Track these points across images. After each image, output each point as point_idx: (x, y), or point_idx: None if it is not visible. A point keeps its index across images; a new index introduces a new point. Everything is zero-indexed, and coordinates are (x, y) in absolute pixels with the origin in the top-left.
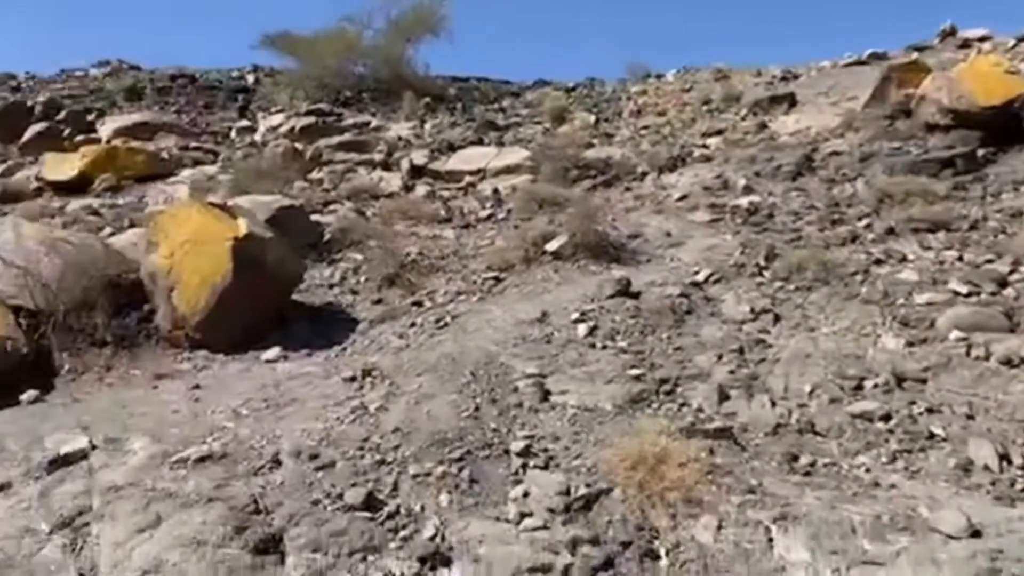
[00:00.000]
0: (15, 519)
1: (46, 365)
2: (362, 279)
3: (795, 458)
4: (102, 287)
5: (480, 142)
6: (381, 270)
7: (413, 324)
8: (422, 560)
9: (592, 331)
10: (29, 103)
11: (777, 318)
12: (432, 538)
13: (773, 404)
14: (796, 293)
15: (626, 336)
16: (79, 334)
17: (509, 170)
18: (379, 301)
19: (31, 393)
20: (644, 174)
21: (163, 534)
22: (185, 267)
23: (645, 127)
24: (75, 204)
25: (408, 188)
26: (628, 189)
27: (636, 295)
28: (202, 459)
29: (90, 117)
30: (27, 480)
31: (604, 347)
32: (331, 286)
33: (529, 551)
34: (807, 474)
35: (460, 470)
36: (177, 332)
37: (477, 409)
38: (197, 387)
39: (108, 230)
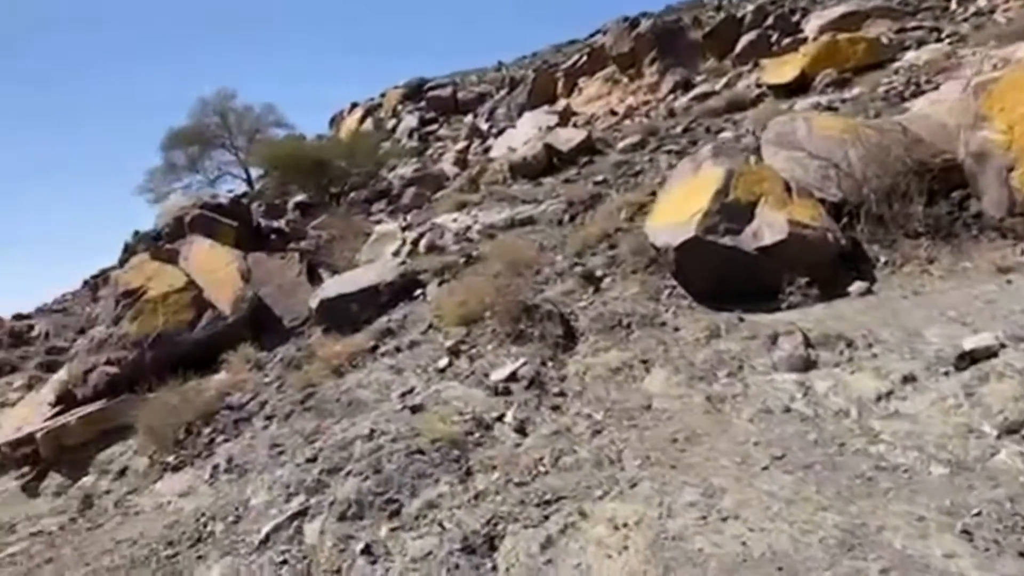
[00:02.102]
0: (947, 416)
1: (857, 257)
2: None
3: None
4: (909, 174)
5: None
6: None
7: None
8: None
9: None
10: (739, 15)
11: None
12: None
13: None
14: None
15: None
16: (889, 225)
17: None
18: None
19: (859, 285)
20: None
21: None
22: None
23: None
24: (802, 103)
25: None
26: None
27: None
28: None
29: (795, 18)
30: (932, 375)
31: None
32: None
33: None
34: None
35: None
36: (1014, 219)
37: None
38: None
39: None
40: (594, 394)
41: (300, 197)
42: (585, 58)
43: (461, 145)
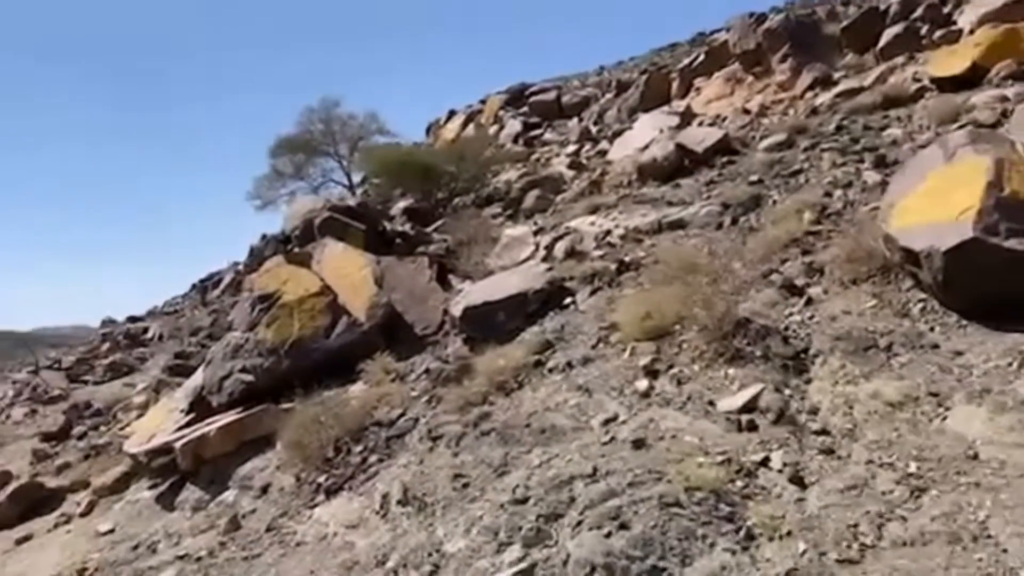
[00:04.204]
0: None
1: None
2: None
3: None
4: None
5: None
6: None
7: None
8: None
9: None
10: (882, 7)
11: None
12: None
13: None
14: None
15: None
16: None
17: None
18: None
19: None
20: None
21: None
22: None
23: None
24: (980, 97)
25: None
26: None
27: None
28: None
29: (946, 9)
30: None
31: None
32: None
33: None
34: None
35: None
36: None
37: None
38: None
39: None
40: (879, 435)
41: (404, 203)
42: (702, 57)
43: (572, 148)
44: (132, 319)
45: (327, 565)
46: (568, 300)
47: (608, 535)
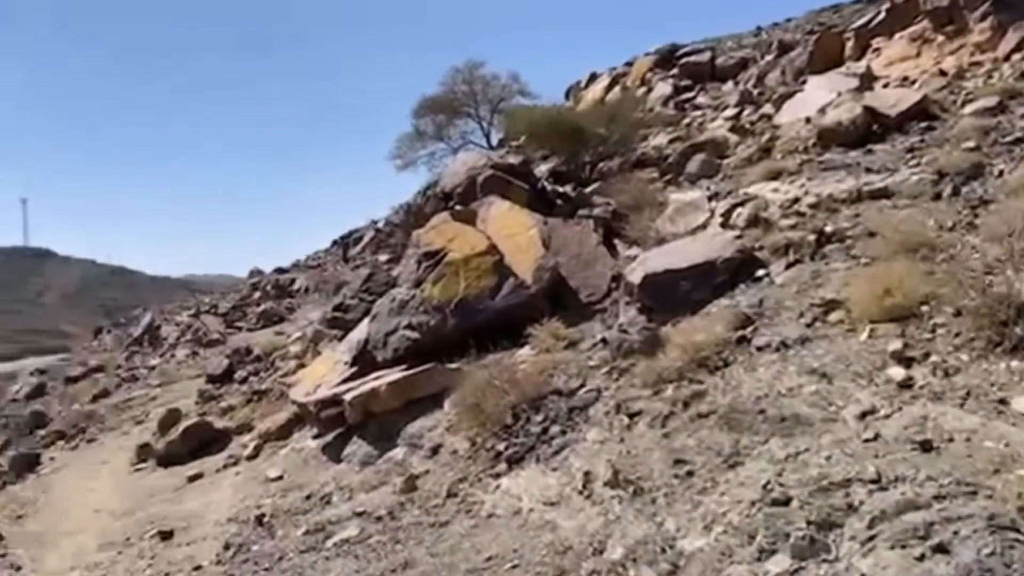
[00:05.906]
0: None
1: None
2: None
3: None
4: None
5: None
6: None
7: None
8: None
9: None
10: None
11: None
12: None
13: None
14: None
15: None
16: None
17: None
18: None
19: None
20: None
21: None
22: None
23: None
24: None
25: None
26: None
27: None
28: None
29: None
30: None
31: None
32: None
33: None
34: None
35: None
36: None
37: None
38: None
39: None
40: None
41: (547, 165)
42: (883, 15)
43: (731, 112)
44: (279, 271)
45: (532, 545)
46: (760, 272)
47: (921, 558)
